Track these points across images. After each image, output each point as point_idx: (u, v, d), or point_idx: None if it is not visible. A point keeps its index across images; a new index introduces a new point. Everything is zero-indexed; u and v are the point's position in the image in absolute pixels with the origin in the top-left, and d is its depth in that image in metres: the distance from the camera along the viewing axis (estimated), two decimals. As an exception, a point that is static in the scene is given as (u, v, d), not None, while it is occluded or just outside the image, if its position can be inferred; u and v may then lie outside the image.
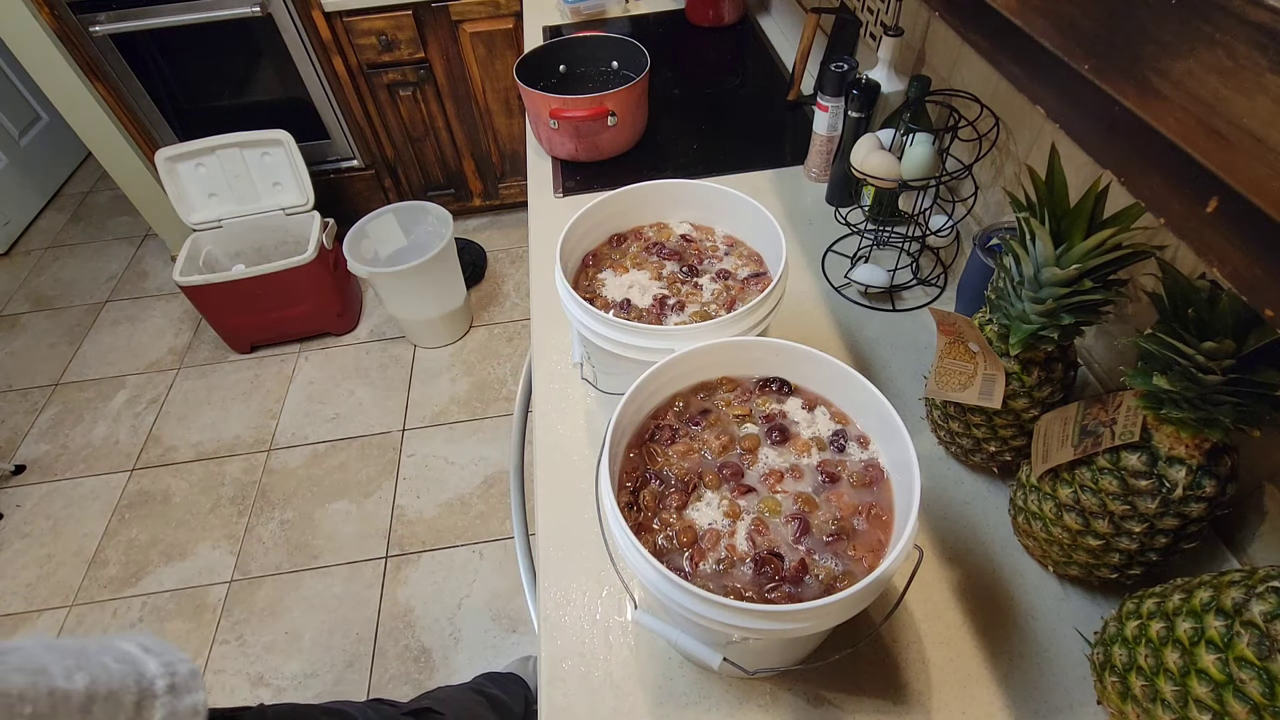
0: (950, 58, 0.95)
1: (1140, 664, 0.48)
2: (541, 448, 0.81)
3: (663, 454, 0.58)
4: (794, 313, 0.93)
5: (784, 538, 0.53)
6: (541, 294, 0.98)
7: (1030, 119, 0.81)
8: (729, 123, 1.33)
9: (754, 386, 0.63)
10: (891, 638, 0.63)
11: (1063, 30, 0.32)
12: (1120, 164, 0.31)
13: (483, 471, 1.84)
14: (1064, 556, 0.61)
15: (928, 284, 0.95)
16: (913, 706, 0.59)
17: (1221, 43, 0.23)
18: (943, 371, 0.66)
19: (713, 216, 0.80)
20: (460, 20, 2.01)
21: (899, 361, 0.86)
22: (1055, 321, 0.57)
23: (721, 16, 1.61)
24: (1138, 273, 0.66)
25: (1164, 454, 0.52)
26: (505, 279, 2.37)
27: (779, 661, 0.56)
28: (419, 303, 2.03)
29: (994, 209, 0.93)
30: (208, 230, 2.08)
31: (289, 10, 1.91)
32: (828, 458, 0.57)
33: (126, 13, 1.88)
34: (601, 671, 0.63)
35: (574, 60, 1.33)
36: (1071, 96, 0.34)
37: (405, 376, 2.10)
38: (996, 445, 0.68)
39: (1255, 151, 0.23)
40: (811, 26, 1.23)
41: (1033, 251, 0.57)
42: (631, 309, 0.71)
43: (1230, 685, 0.42)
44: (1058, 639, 0.62)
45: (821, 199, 1.11)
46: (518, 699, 1.26)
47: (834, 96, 1.02)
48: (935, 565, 0.68)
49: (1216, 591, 0.45)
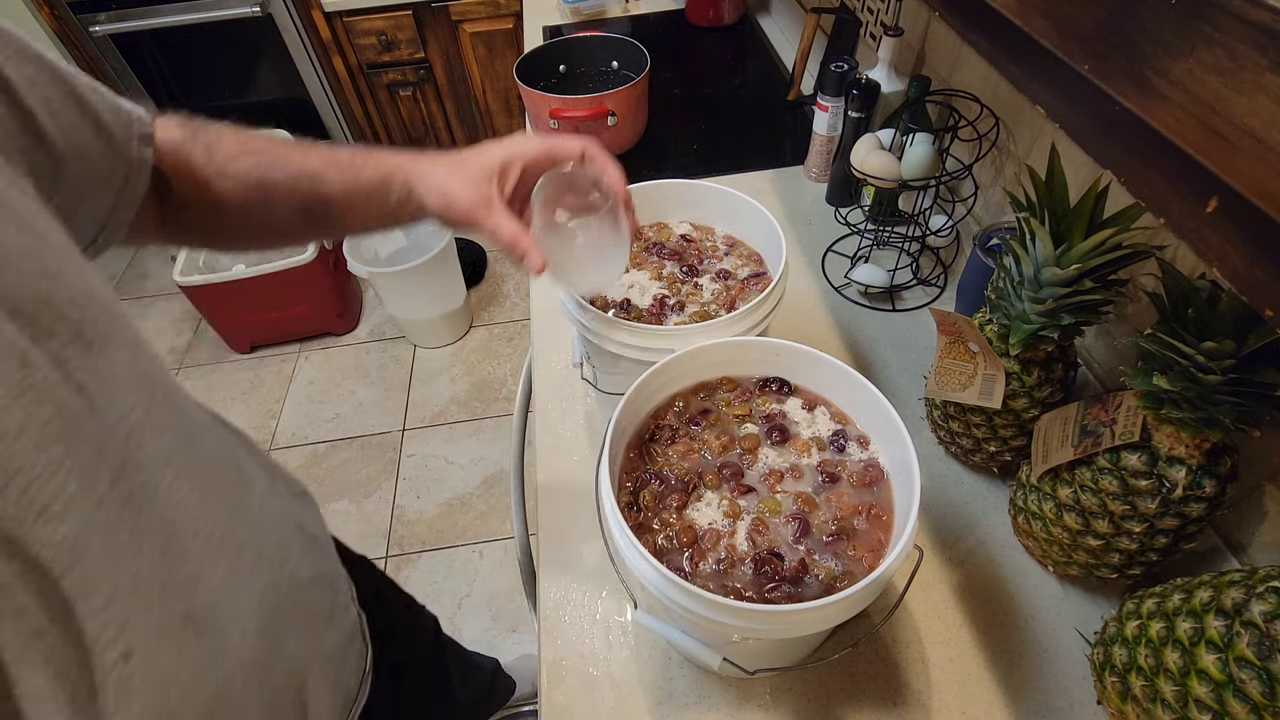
0: (950, 58, 0.95)
1: (1140, 664, 0.48)
2: (541, 448, 0.80)
3: (663, 454, 0.58)
4: (794, 313, 0.93)
5: (784, 538, 0.53)
6: (541, 294, 0.98)
7: (1030, 119, 0.81)
8: (729, 123, 1.33)
9: (754, 386, 0.63)
10: (891, 638, 0.63)
11: (1063, 30, 0.32)
12: (1120, 164, 0.31)
13: (483, 471, 1.84)
14: (1064, 556, 0.61)
15: (928, 284, 0.95)
16: (913, 706, 0.59)
17: (1221, 43, 0.23)
18: (943, 371, 0.66)
19: (713, 216, 0.80)
20: (460, 20, 2.01)
21: (899, 361, 0.86)
22: (1055, 321, 0.57)
23: (721, 16, 1.61)
24: (1138, 273, 0.66)
25: (1164, 454, 0.52)
26: (505, 279, 2.37)
27: (779, 661, 0.56)
28: (419, 303, 2.03)
29: (994, 209, 0.93)
30: (208, 230, 2.07)
31: (289, 10, 1.91)
32: (828, 458, 0.57)
33: (126, 13, 1.88)
34: (601, 671, 0.63)
35: (574, 60, 1.33)
36: (1071, 96, 0.34)
37: (405, 376, 2.10)
38: (996, 445, 0.68)
39: (1255, 151, 0.23)
40: (811, 26, 1.23)
41: (1033, 251, 0.57)
42: (631, 309, 0.71)
43: (1230, 685, 0.42)
44: (1058, 639, 0.62)
45: (821, 199, 1.11)
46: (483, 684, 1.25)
47: (834, 96, 1.02)
48: (935, 565, 0.68)
49: (1216, 591, 0.45)
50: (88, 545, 0.35)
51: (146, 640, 0.38)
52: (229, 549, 0.45)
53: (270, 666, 0.48)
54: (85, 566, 0.35)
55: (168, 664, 0.39)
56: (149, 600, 0.38)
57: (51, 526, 0.34)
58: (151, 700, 0.38)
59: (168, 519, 0.41)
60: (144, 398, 0.40)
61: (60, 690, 0.33)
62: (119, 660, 0.36)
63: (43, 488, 0.34)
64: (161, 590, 0.39)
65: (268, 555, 0.50)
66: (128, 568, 0.37)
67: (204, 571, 0.43)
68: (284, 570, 0.52)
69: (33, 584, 0.33)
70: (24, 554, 0.33)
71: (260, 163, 0.55)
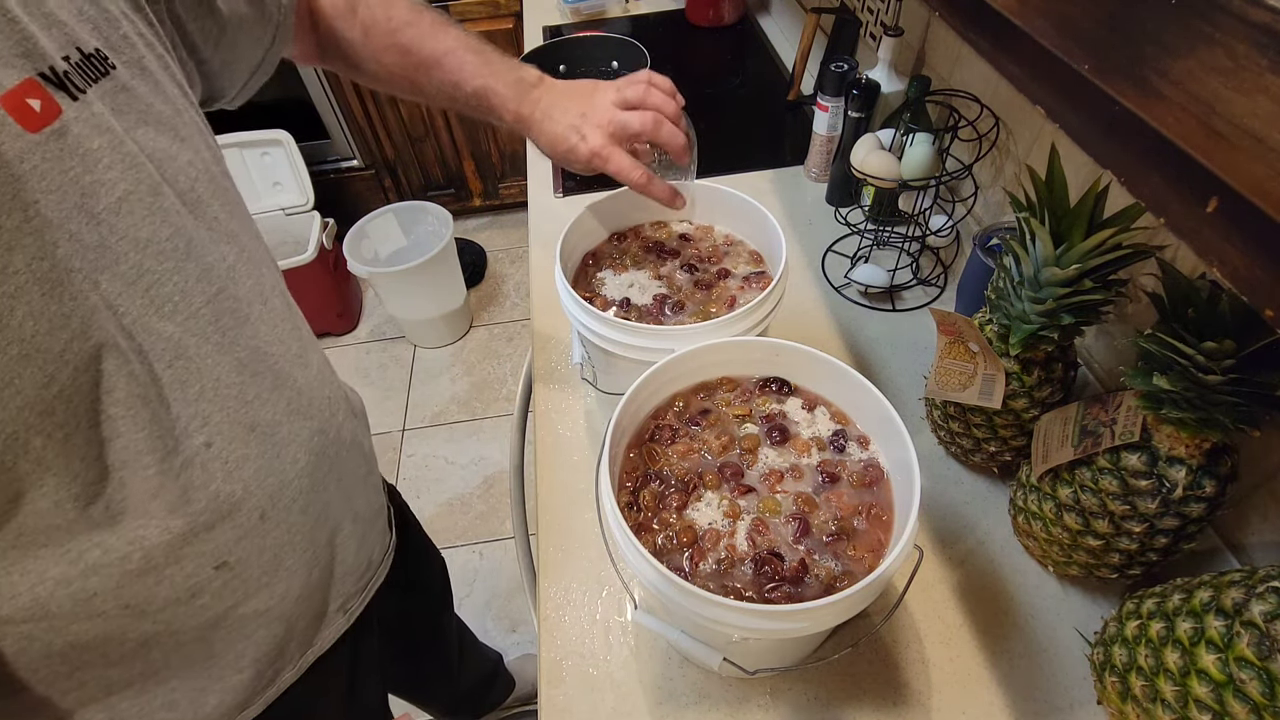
0: (950, 58, 0.95)
1: (1140, 664, 0.48)
2: (541, 448, 0.80)
3: (663, 454, 0.58)
4: (794, 313, 0.93)
5: (784, 538, 0.53)
6: (541, 294, 0.98)
7: (1030, 119, 0.81)
8: (729, 123, 1.33)
9: (754, 386, 0.63)
10: (891, 638, 0.63)
11: (1063, 30, 0.32)
12: (1120, 164, 0.31)
13: (483, 471, 1.84)
14: (1064, 556, 0.61)
15: (928, 284, 0.95)
16: (913, 706, 0.59)
17: (1221, 43, 0.23)
18: (943, 371, 0.66)
19: (713, 216, 0.80)
20: (460, 20, 2.00)
21: (899, 361, 0.86)
22: (1055, 321, 0.57)
23: (721, 16, 1.61)
24: (1138, 273, 0.66)
25: (1164, 454, 0.52)
26: (505, 279, 2.37)
27: (779, 661, 0.56)
28: (419, 303, 2.03)
29: (994, 209, 0.93)
30: (208, 230, 2.07)
31: (289, 10, 1.91)
32: (828, 458, 0.57)
33: (126, 13, 1.88)
34: (601, 671, 0.62)
35: (574, 60, 1.33)
36: (1071, 96, 0.34)
37: (405, 376, 2.10)
38: (996, 445, 0.68)
39: (1255, 151, 0.23)
40: (811, 26, 1.23)
41: (1033, 251, 0.57)
42: (631, 308, 0.71)
43: (1230, 685, 0.42)
44: (1058, 639, 0.62)
45: (821, 199, 1.11)
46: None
47: (834, 96, 1.02)
48: (935, 565, 0.68)
49: (1216, 591, 0.45)
50: (187, 346, 0.44)
51: (223, 436, 0.47)
52: (289, 387, 0.53)
53: (313, 498, 0.56)
54: (184, 363, 0.44)
55: (238, 460, 0.48)
56: (228, 404, 0.47)
57: (163, 323, 0.43)
58: (223, 486, 0.47)
59: (250, 344, 0.49)
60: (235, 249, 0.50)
61: (154, 450, 0.43)
62: (202, 446, 0.45)
63: (159, 289, 0.42)
64: (238, 399, 0.48)
65: (319, 407, 0.58)
66: (213, 372, 0.46)
67: (272, 396, 0.51)
68: (331, 423, 0.59)
69: (144, 368, 0.42)
70: (138, 345, 0.41)
71: (408, 63, 0.66)
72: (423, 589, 0.97)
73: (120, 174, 0.40)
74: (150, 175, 0.42)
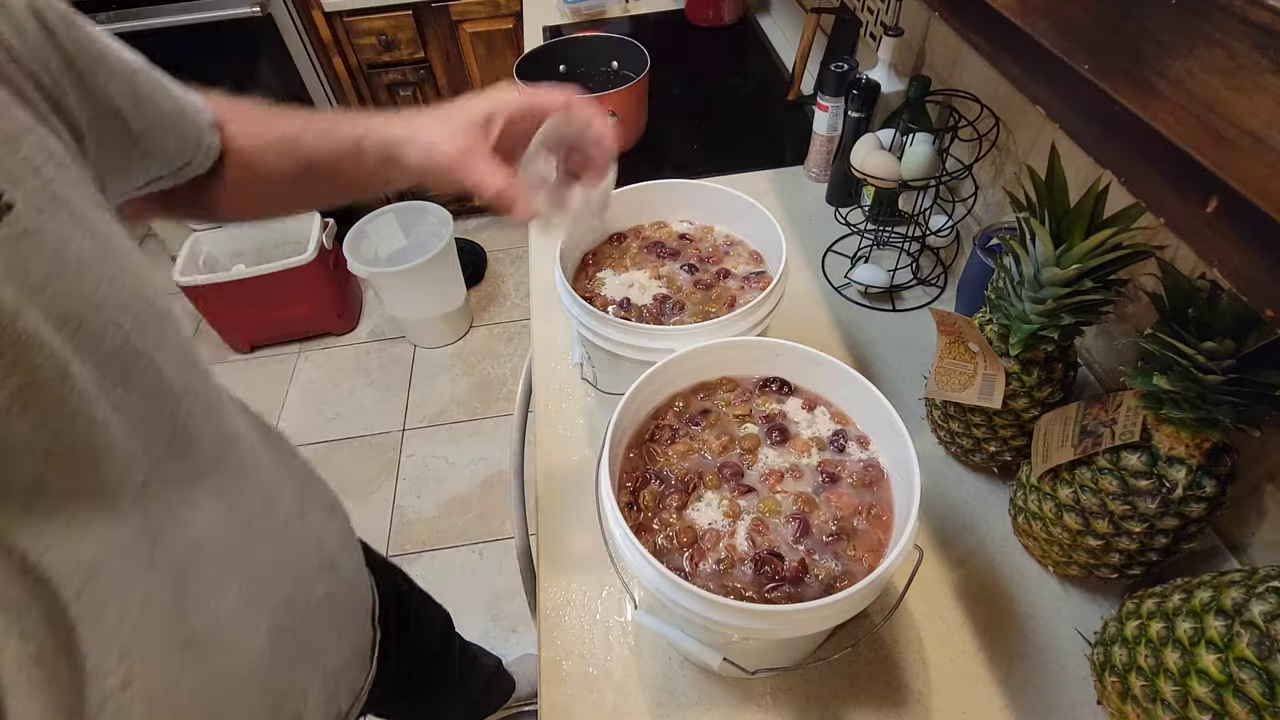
0: (950, 58, 0.95)
1: (1140, 664, 0.48)
2: (541, 448, 0.80)
3: (663, 454, 0.58)
4: (794, 313, 0.93)
5: (784, 538, 0.53)
6: (541, 294, 0.98)
7: (1030, 119, 0.81)
8: (729, 123, 1.33)
9: (754, 386, 0.63)
10: (891, 638, 0.63)
11: (1063, 30, 0.32)
12: (1120, 164, 0.31)
13: (483, 471, 1.84)
14: (1064, 556, 0.61)
15: (928, 284, 0.95)
16: (913, 706, 0.59)
17: (1221, 43, 0.23)
18: (943, 371, 0.66)
19: (713, 216, 0.80)
20: (460, 20, 2.01)
21: (899, 361, 0.86)
22: (1055, 321, 0.57)
23: (721, 16, 1.61)
24: (1138, 273, 0.66)
25: (1164, 454, 0.52)
26: (505, 279, 2.37)
27: (779, 661, 0.56)
28: (419, 303, 2.02)
29: (994, 209, 0.93)
30: (207, 230, 2.07)
31: (289, 10, 1.91)
32: (828, 458, 0.57)
33: (126, 13, 1.88)
34: (601, 671, 0.62)
35: (574, 60, 1.33)
36: (1071, 96, 0.34)
37: (405, 376, 2.10)
38: (996, 445, 0.68)
39: (1255, 151, 0.23)
40: (811, 26, 1.23)
41: (1033, 251, 0.57)
42: (631, 308, 0.71)
43: (1230, 685, 0.42)
44: (1058, 639, 0.62)
45: (821, 199, 1.11)
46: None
47: (834, 96, 1.02)
48: (935, 565, 0.68)
49: (1216, 591, 0.45)
50: (104, 564, 0.34)
51: (146, 666, 0.37)
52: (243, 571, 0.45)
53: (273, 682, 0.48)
54: (98, 586, 0.34)
55: (166, 689, 0.38)
56: (155, 623, 0.37)
57: (71, 546, 0.33)
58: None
59: (189, 538, 0.40)
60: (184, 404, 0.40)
61: (55, 717, 0.32)
62: (117, 689, 0.35)
63: (61, 507, 0.32)
64: (172, 611, 0.38)
65: (284, 576, 0.50)
66: (143, 584, 0.36)
67: (213, 594, 0.42)
68: (298, 589, 0.51)
69: (42, 605, 0.31)
70: (37, 573, 0.31)
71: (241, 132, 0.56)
72: (420, 651, 0.91)
73: (10, 363, 0.30)
74: (54, 357, 0.31)
